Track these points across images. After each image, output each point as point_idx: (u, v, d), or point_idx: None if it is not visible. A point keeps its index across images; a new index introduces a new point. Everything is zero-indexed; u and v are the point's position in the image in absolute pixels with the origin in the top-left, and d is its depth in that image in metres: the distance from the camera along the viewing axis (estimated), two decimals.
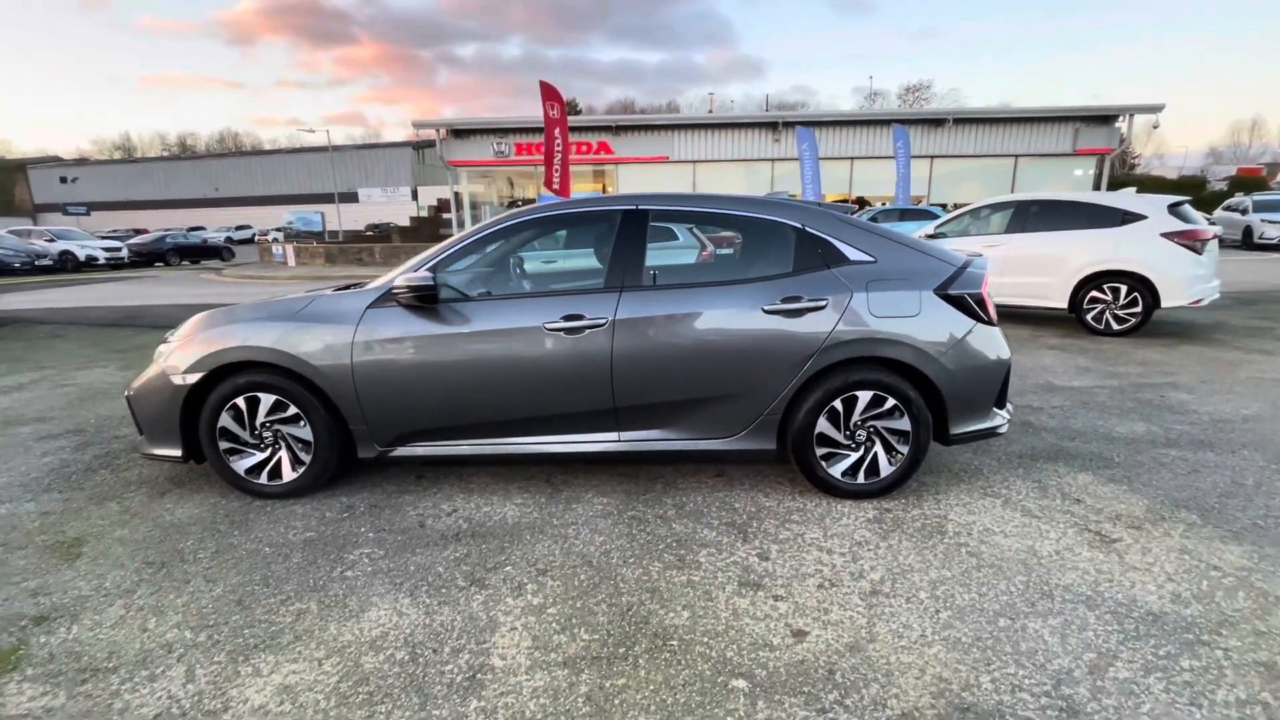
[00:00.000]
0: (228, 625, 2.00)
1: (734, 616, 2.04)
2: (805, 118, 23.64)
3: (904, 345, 2.69)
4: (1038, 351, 6.01)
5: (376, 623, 2.01)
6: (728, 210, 2.94)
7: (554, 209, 2.91)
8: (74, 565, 2.35)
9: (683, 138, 23.71)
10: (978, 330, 2.76)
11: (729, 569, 2.32)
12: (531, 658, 1.85)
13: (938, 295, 2.74)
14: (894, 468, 2.82)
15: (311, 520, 2.70)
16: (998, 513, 2.74)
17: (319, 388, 2.74)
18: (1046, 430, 3.80)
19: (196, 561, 2.37)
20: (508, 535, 2.57)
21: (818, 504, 2.84)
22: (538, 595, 2.16)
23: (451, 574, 2.29)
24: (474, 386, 2.74)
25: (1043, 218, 7.27)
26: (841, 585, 2.21)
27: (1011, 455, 3.41)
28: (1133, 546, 2.44)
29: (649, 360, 2.71)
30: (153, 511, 2.77)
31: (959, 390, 2.77)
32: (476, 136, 23.34)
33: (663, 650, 1.87)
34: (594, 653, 1.86)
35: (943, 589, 2.18)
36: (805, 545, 2.48)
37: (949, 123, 23.05)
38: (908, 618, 2.02)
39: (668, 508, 2.82)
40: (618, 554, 2.43)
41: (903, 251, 2.84)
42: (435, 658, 1.85)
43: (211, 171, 49.78)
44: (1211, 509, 2.73)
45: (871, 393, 2.74)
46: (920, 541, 2.50)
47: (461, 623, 2.01)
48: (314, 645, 1.90)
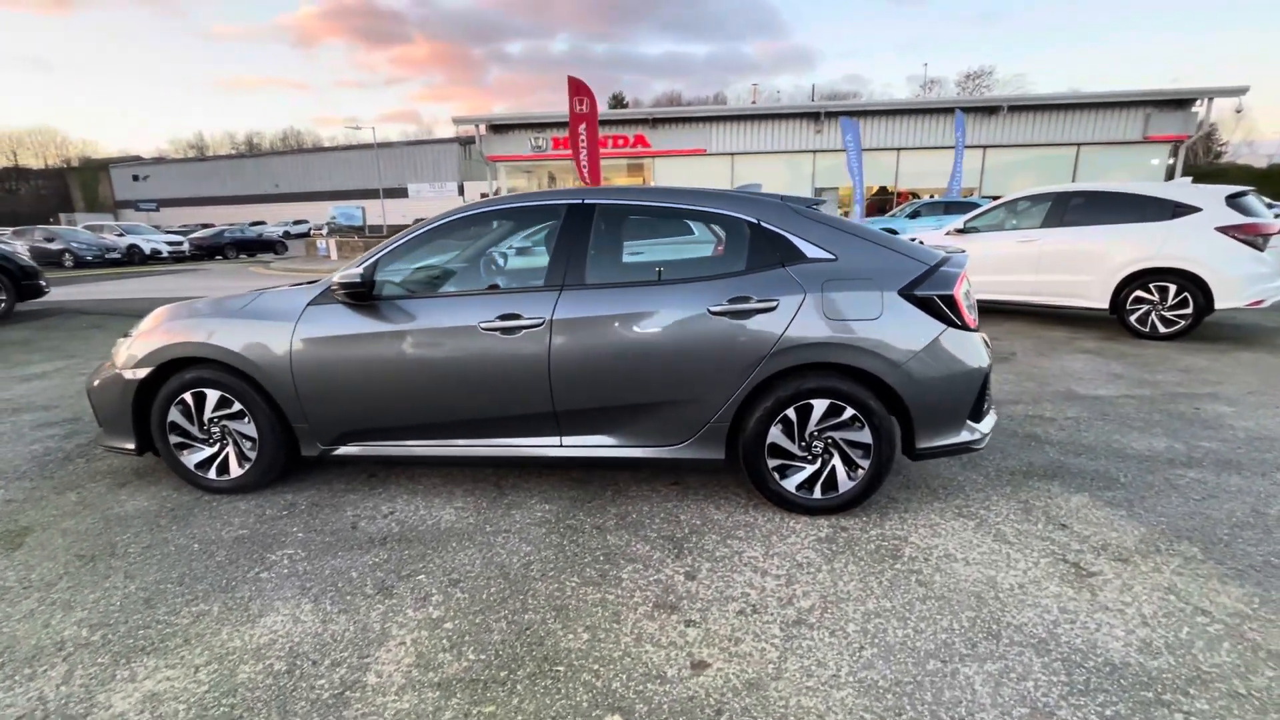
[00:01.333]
0: (126, 625, 1.99)
1: (635, 642, 1.90)
2: (849, 107, 22.85)
3: (862, 351, 2.47)
4: (1068, 355, 5.57)
5: (269, 629, 1.96)
6: (679, 204, 2.76)
7: (499, 204, 2.81)
8: (10, 555, 2.40)
9: (721, 130, 23.30)
10: (949, 335, 2.51)
11: (649, 588, 2.18)
12: (408, 677, 1.76)
13: (902, 296, 2.50)
14: (854, 483, 2.61)
15: (250, 517, 2.69)
16: (966, 536, 2.50)
17: (261, 385, 2.73)
18: (1051, 444, 3.47)
19: (125, 556, 2.39)
20: (435, 541, 2.50)
21: (770, 519, 2.65)
22: (440, 608, 2.07)
23: (363, 580, 2.23)
24: (410, 386, 2.67)
25: (1084, 210, 6.73)
26: (764, 612, 2.03)
27: (1003, 471, 3.12)
28: (1111, 582, 2.16)
29: (589, 363, 2.58)
30: (105, 503, 2.83)
31: (926, 401, 2.53)
32: (515, 132, 23.55)
33: (547, 676, 1.75)
34: (474, 675, 1.76)
35: (876, 622, 1.97)
36: (740, 565, 2.31)
37: (1003, 110, 21.84)
38: (825, 654, 1.83)
39: (609, 517, 2.69)
40: (538, 566, 2.31)
41: (869, 249, 2.61)
42: (312, 671, 1.78)
43: (272, 168, 52.11)
44: (1218, 542, 2.41)
45: (828, 401, 2.53)
46: (868, 566, 2.29)
47: (353, 634, 1.94)
48: (199, 651, 1.87)
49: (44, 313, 9.21)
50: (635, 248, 2.94)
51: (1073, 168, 22.32)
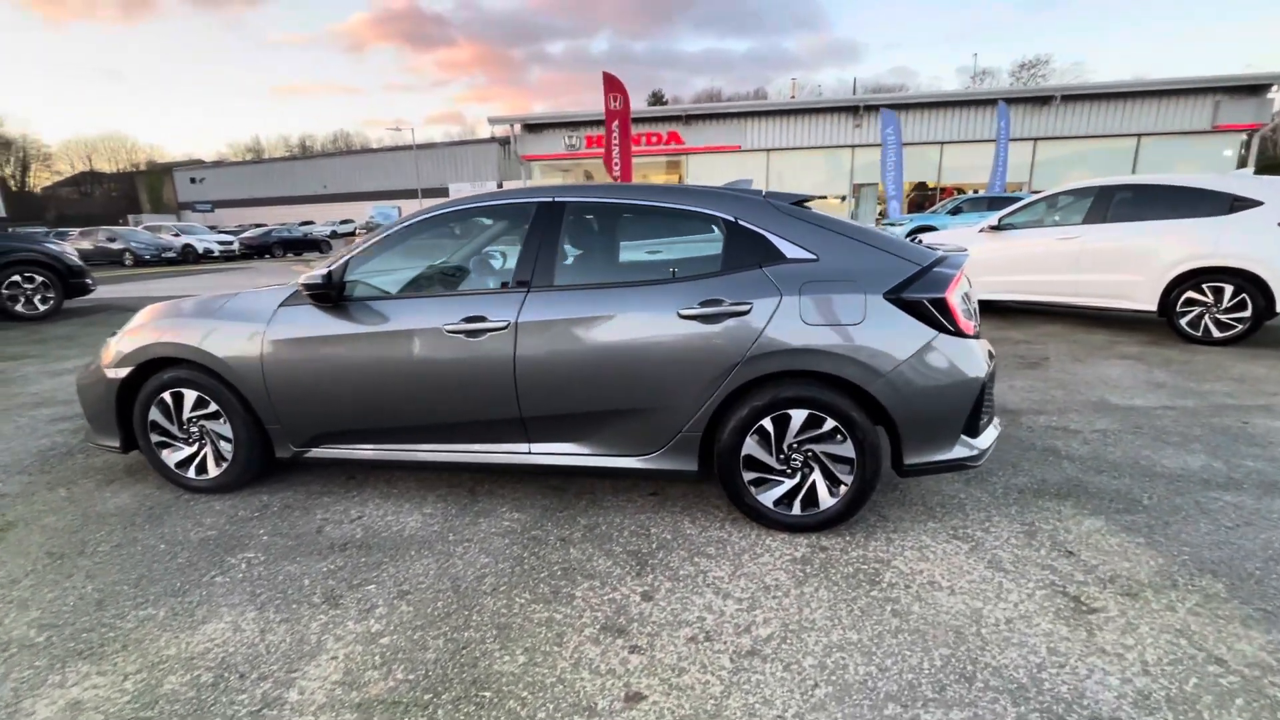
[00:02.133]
0: (73, 627, 1.99)
1: (573, 668, 1.78)
2: (889, 100, 22.13)
3: (842, 358, 2.29)
4: (1106, 361, 5.18)
5: (207, 638, 1.93)
6: (652, 202, 2.62)
7: (470, 203, 2.73)
8: None
9: (756, 125, 22.91)
10: (940, 342, 2.31)
11: (601, 607, 2.06)
12: (330, 695, 1.69)
13: (888, 300, 2.31)
14: (835, 500, 2.43)
15: (222, 518, 2.70)
16: (957, 562, 2.29)
17: (235, 386, 2.73)
18: (1071, 459, 3.19)
19: (93, 555, 2.42)
20: (395, 549, 2.44)
21: (745, 536, 2.50)
22: (382, 621, 2.00)
23: (314, 589, 2.18)
24: (377, 390, 2.62)
25: (1131, 205, 6.27)
26: (717, 640, 1.89)
27: (1011, 489, 2.88)
28: (1114, 621, 1.94)
29: (555, 367, 2.48)
30: (89, 500, 2.88)
31: (913, 413, 2.33)
32: (549, 131, 23.69)
33: (471, 701, 1.66)
34: (396, 696, 1.68)
35: (837, 656, 1.81)
36: (702, 586, 2.17)
37: (1056, 100, 20.79)
38: (774, 690, 1.68)
39: (577, 529, 2.58)
40: (492, 580, 2.23)
41: (854, 249, 2.43)
42: (237, 685, 1.73)
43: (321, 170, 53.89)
44: (1248, 577, 2.14)
45: (806, 412, 2.36)
46: (841, 592, 2.12)
47: (288, 646, 1.89)
48: (134, 657, 1.84)
49: (91, 309, 9.69)
50: (607, 248, 2.82)
51: (1133, 160, 21.10)
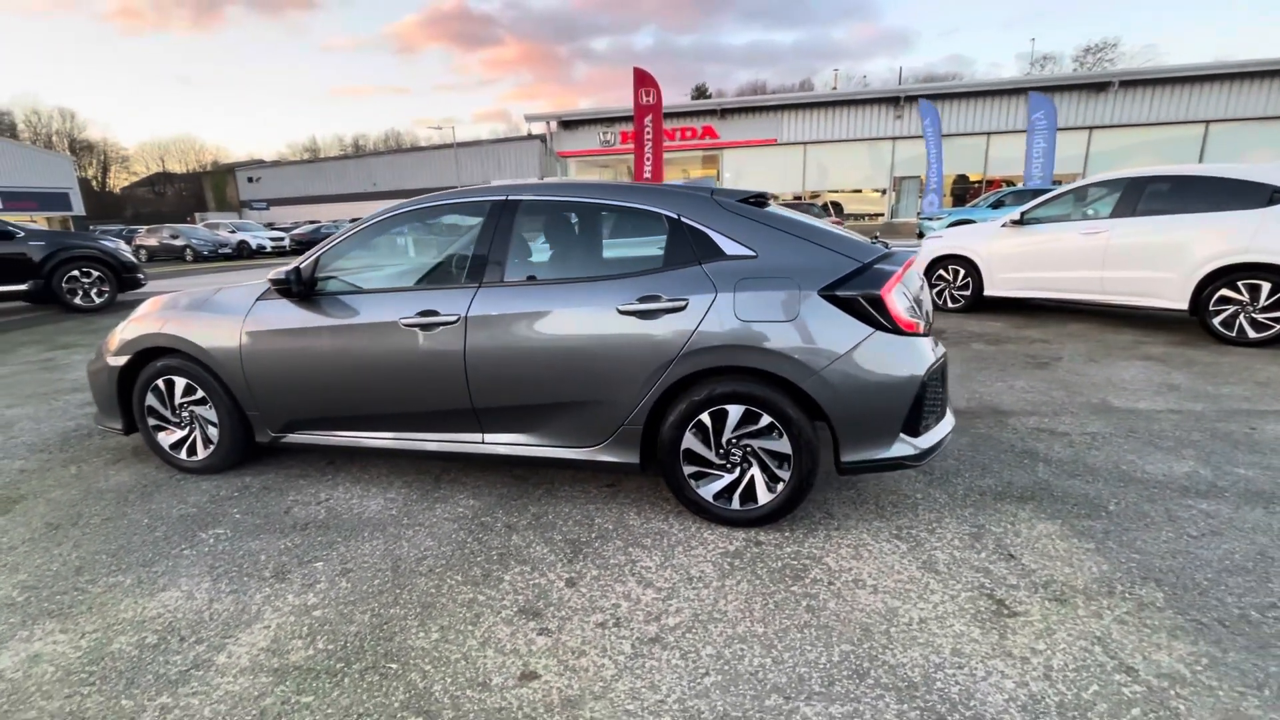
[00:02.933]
0: (50, 589, 2.20)
1: (480, 646, 1.87)
2: (932, 90, 21.39)
3: (775, 354, 2.30)
4: (1123, 362, 4.95)
5: (163, 604, 2.10)
6: (601, 200, 2.68)
7: (430, 201, 2.84)
8: (8, 521, 2.72)
9: (793, 118, 22.52)
10: (876, 340, 2.29)
11: (524, 591, 2.14)
12: (254, 660, 1.83)
13: (823, 296, 2.31)
14: (774, 495, 2.45)
15: (204, 496, 2.90)
16: (890, 561, 2.28)
17: (218, 374, 2.93)
18: (1048, 461, 3.10)
19: (84, 527, 2.65)
20: (351, 530, 2.58)
21: (686, 528, 2.54)
22: (320, 595, 2.14)
23: (267, 564, 2.34)
24: (341, 379, 2.77)
25: (1162, 198, 5.95)
26: (625, 626, 1.95)
27: (974, 491, 2.82)
28: (1032, 625, 1.90)
29: (503, 360, 2.57)
30: (94, 477, 3.14)
31: (849, 411, 2.32)
32: (584, 127, 23.88)
33: (377, 672, 1.77)
34: (312, 664, 1.81)
35: (738, 647, 1.84)
36: (627, 575, 2.23)
37: (1114, 86, 19.68)
38: (664, 677, 1.73)
39: (526, 516, 2.67)
40: (431, 561, 2.34)
41: (795, 245, 2.43)
42: (176, 646, 1.89)
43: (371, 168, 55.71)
44: (1192, 588, 2.06)
45: (743, 407, 2.38)
46: (762, 586, 2.14)
47: (230, 614, 2.04)
48: (95, 619, 2.03)
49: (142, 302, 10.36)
50: (557, 245, 2.88)
51: (1200, 148, 19.81)
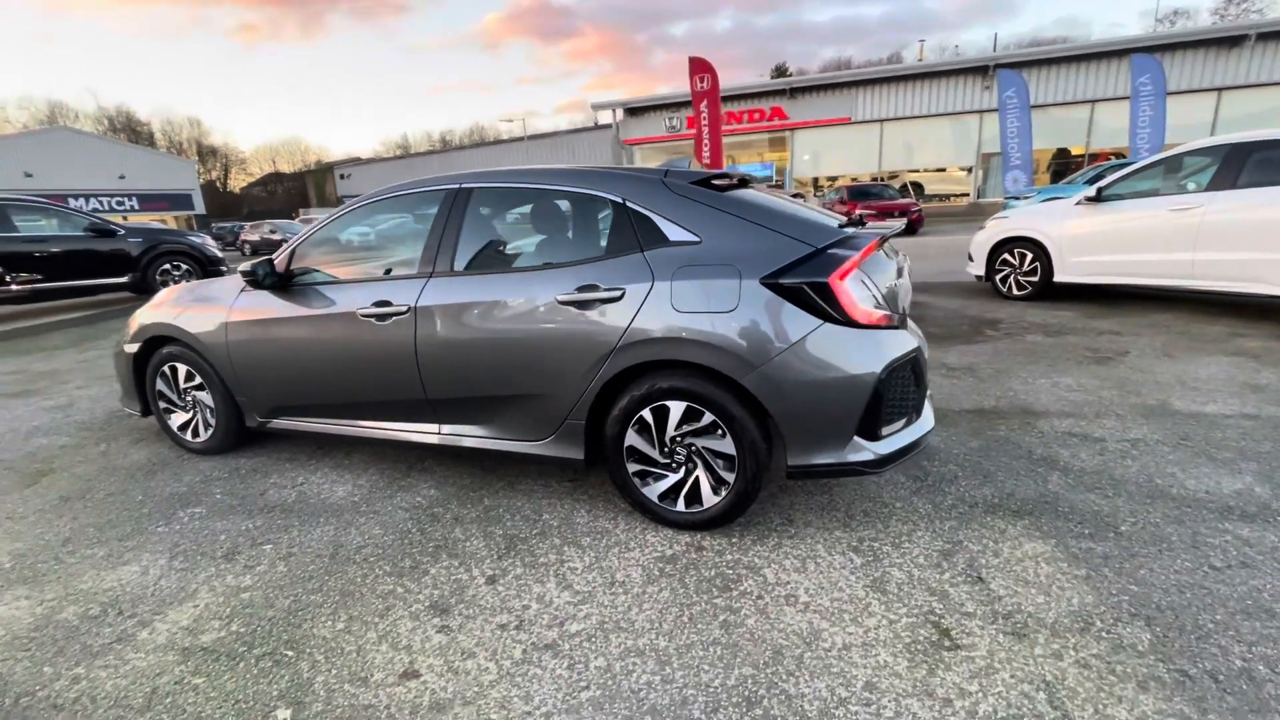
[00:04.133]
0: (36, 557, 2.40)
1: (378, 639, 1.86)
2: (1022, 56, 19.55)
3: (713, 348, 2.14)
4: (1205, 358, 4.31)
5: (118, 578, 2.25)
6: (547, 185, 2.57)
7: (391, 192, 2.85)
8: (24, 489, 3.01)
9: (868, 95, 21.30)
10: (824, 332, 2.07)
11: (443, 586, 2.12)
12: (170, 638, 1.91)
13: (764, 284, 2.11)
14: (719, 498, 2.29)
15: (198, 477, 3.09)
16: (835, 577, 2.07)
17: (210, 361, 3.10)
18: (1067, 472, 2.73)
19: (89, 501, 2.88)
20: (310, 515, 2.66)
21: (630, 529, 2.43)
22: (256, 577, 2.21)
23: (224, 544, 2.45)
24: (309, 368, 2.85)
25: (1273, 166, 5.11)
26: (525, 630, 1.88)
27: (965, 501, 2.53)
28: (972, 662, 1.66)
29: (449, 351, 2.55)
30: (115, 455, 3.42)
31: (793, 409, 2.12)
32: (650, 114, 23.70)
33: (273, 659, 1.80)
34: (219, 646, 1.86)
35: (630, 661, 1.73)
36: (549, 575, 2.15)
37: (1249, 40, 17.18)
38: (542, 688, 1.65)
39: (477, 509, 2.65)
40: (370, 550, 2.36)
41: (743, 229, 2.23)
42: (111, 619, 2.01)
43: (454, 163, 57.99)
44: (1190, 630, 1.73)
45: (684, 404, 2.24)
46: (686, 595, 2.01)
47: (170, 591, 2.15)
48: (58, 588, 2.20)
49: None
50: (506, 233, 2.80)
51: None
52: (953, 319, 5.96)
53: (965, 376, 4.17)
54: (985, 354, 4.68)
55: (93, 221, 8.81)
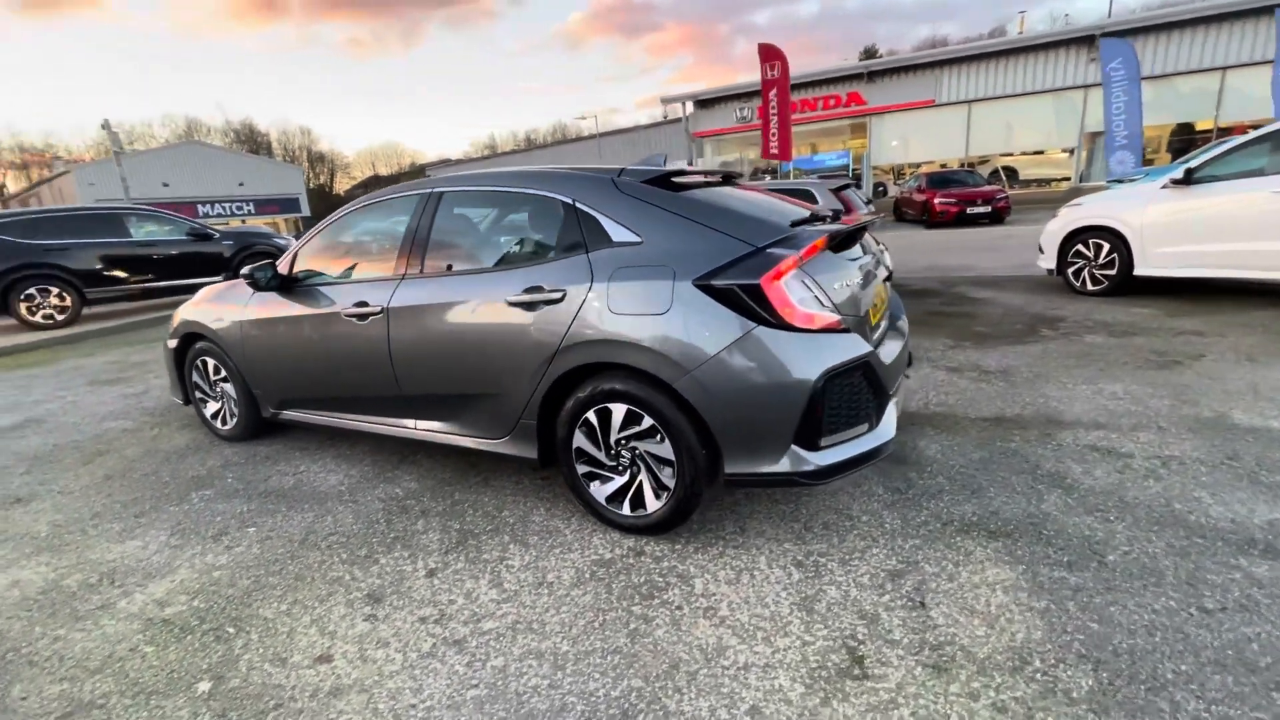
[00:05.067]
0: (67, 529, 2.73)
1: (310, 623, 1.98)
2: (1138, 22, 17.53)
3: (647, 351, 2.09)
4: None
5: (121, 551, 2.51)
6: (507, 188, 2.60)
7: (379, 197, 2.98)
8: (78, 470, 3.43)
9: (954, 75, 19.91)
10: (759, 335, 1.98)
11: (385, 576, 2.21)
12: (141, 608, 2.11)
13: (697, 286, 2.04)
14: (660, 504, 2.25)
15: (220, 461, 3.39)
16: (765, 591, 1.98)
17: (230, 356, 3.39)
18: (1070, 491, 2.46)
19: (127, 480, 3.23)
20: (298, 501, 2.85)
21: (580, 530, 2.44)
22: (230, 556, 2.40)
23: (217, 524, 2.67)
24: (306, 364, 3.05)
25: None
26: (442, 624, 1.93)
27: (939, 517, 2.34)
28: (874, 694, 1.55)
29: (415, 349, 2.65)
30: (163, 440, 3.81)
31: (727, 415, 2.04)
32: (721, 105, 23.32)
33: (216, 634, 1.95)
34: (176, 619, 2.04)
35: (528, 663, 1.74)
36: (485, 571, 2.20)
37: None
38: (435, 682, 1.69)
39: (445, 502, 2.75)
40: (336, 538, 2.50)
41: (684, 229, 2.17)
42: (103, 588, 2.25)
43: (534, 161, 59.76)
44: (1146, 680, 1.53)
45: (625, 407, 2.21)
46: (605, 601, 1.99)
47: (158, 565, 2.38)
48: (72, 557, 2.49)
49: None
50: (470, 234, 2.83)
51: None
52: (1008, 317, 5.50)
53: (997, 380, 3.84)
54: (1030, 356, 4.29)
55: (193, 226, 9.80)
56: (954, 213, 14.86)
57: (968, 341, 4.82)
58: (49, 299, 8.32)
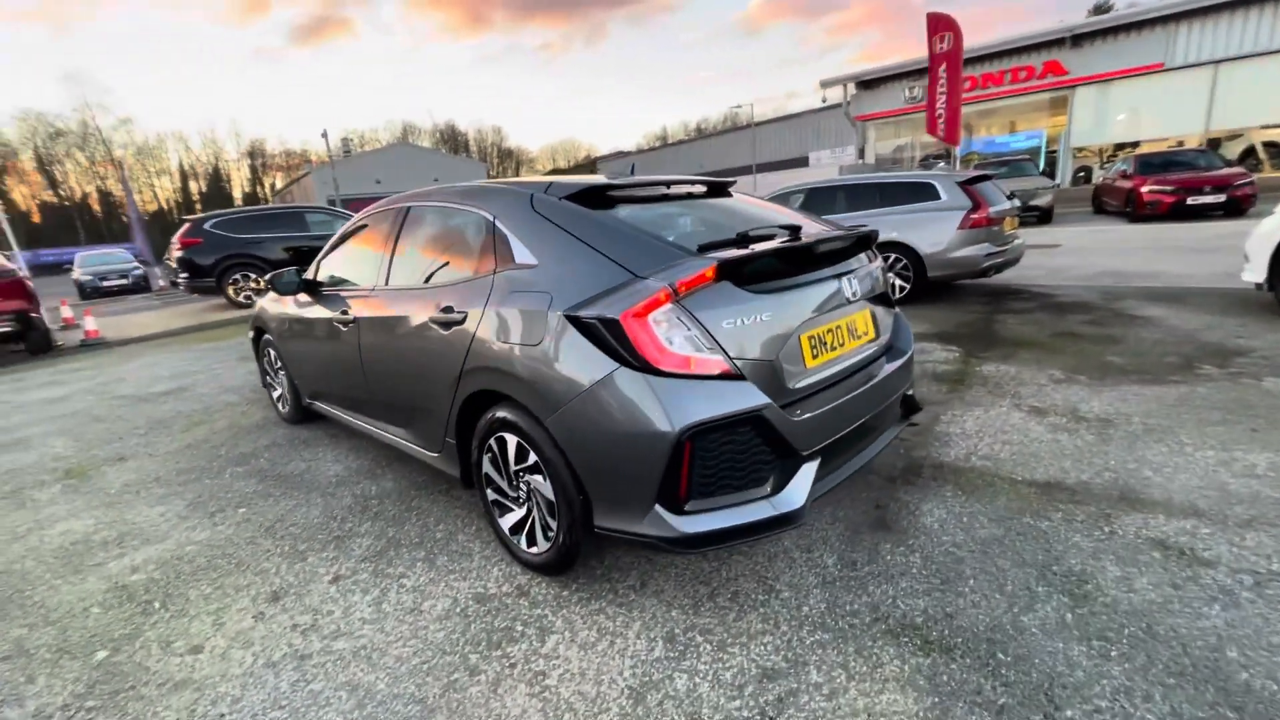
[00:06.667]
0: (130, 489, 3.28)
1: (212, 612, 2.16)
2: None
3: (523, 383, 1.96)
4: None
5: (146, 516, 2.96)
6: (448, 204, 2.56)
7: (371, 210, 3.12)
8: (175, 436, 4.11)
9: (1194, 30, 16.06)
10: (619, 377, 1.74)
11: (302, 574, 2.35)
12: (118, 570, 2.47)
13: (567, 318, 1.85)
14: (548, 544, 2.11)
15: (268, 440, 3.86)
16: (612, 665, 1.76)
17: (279, 347, 3.83)
18: (1083, 604, 1.87)
19: (199, 450, 3.81)
20: (293, 487, 3.13)
21: (490, 555, 2.38)
22: (211, 533, 2.71)
23: (223, 501, 3.04)
24: (318, 362, 3.34)
25: None
26: (306, 635, 2.00)
27: (875, 610, 1.91)
28: None
29: (375, 359, 2.76)
30: (246, 417, 4.43)
31: (591, 463, 1.84)
32: (886, 85, 21.33)
33: (145, 607, 2.22)
34: (132, 586, 2.35)
35: (342, 694, 1.73)
36: (378, 587, 2.23)
37: None
38: (256, 695, 1.76)
39: (400, 506, 2.84)
40: (295, 530, 2.71)
41: (577, 253, 1.97)
42: (112, 547, 2.67)
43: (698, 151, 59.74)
44: None
45: (516, 439, 2.10)
46: (458, 641, 1.92)
47: (161, 531, 2.77)
48: (112, 515, 2.98)
49: None
50: (422, 249, 2.78)
51: None
52: (1163, 345, 4.34)
53: (1087, 432, 3.04)
54: (1159, 402, 3.33)
55: None
56: (1169, 203, 12.06)
57: (1084, 375, 3.88)
58: (249, 282, 10.14)
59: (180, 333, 8.82)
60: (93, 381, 6.05)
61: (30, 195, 62.64)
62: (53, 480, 3.50)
